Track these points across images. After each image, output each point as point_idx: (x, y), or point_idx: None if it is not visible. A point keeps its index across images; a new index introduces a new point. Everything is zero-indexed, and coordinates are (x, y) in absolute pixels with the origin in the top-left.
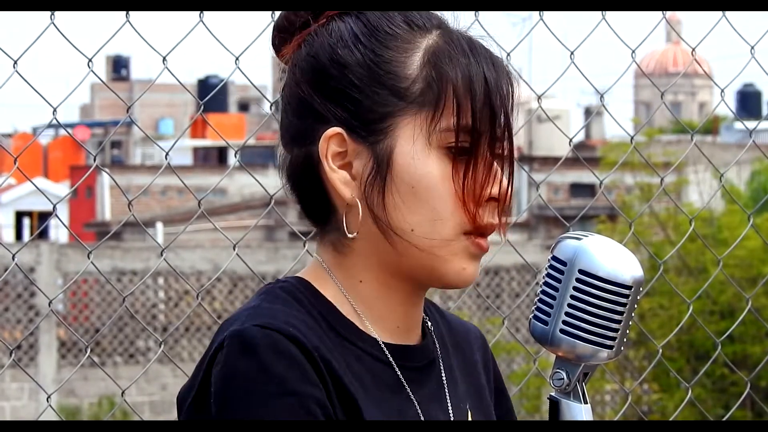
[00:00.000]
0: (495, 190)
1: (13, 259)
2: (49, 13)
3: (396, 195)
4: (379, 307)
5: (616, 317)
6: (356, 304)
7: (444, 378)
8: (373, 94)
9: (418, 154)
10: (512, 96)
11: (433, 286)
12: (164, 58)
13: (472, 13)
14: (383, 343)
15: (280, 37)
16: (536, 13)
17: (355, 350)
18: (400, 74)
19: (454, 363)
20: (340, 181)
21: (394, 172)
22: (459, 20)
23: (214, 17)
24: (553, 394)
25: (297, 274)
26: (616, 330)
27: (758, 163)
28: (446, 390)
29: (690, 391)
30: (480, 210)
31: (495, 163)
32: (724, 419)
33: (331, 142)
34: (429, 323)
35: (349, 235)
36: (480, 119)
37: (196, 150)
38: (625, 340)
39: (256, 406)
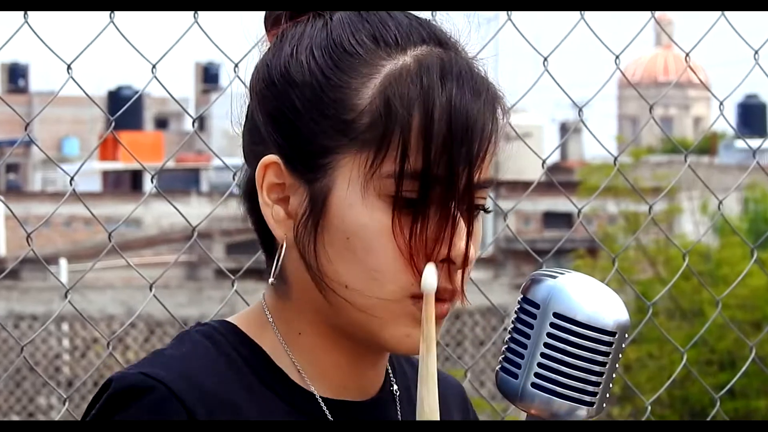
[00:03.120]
0: (446, 251)
1: None
2: None
3: (329, 245)
4: (322, 362)
5: (598, 368)
6: (296, 358)
7: None
8: (314, 124)
9: (355, 201)
10: (491, 138)
11: (375, 348)
12: (69, 66)
13: (429, 13)
14: (321, 397)
15: (265, 27)
16: (503, 13)
17: (283, 406)
18: (347, 104)
19: None
20: (274, 217)
21: (329, 218)
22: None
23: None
24: None
25: (229, 318)
26: (597, 384)
27: (752, 189)
28: None
29: None
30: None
31: (455, 217)
32: None
33: (268, 170)
34: (393, 379)
35: (271, 281)
36: (436, 164)
37: (105, 174)
38: (608, 395)
39: None
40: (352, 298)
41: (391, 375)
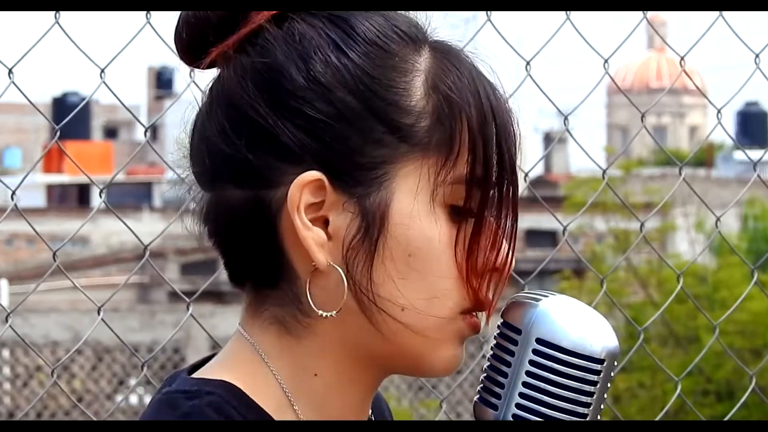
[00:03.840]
0: (498, 259)
1: None
2: None
3: (389, 264)
4: (331, 406)
5: (584, 399)
6: (303, 410)
7: None
8: (367, 131)
9: (421, 212)
10: (518, 135)
11: (410, 374)
12: (10, 71)
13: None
14: None
15: (191, 38)
16: (482, 13)
17: None
18: (403, 105)
19: None
20: (316, 241)
21: (389, 234)
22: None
23: (73, 19)
24: None
25: (226, 377)
26: (584, 416)
27: (751, 204)
28: None
29: None
30: (485, 283)
31: (496, 224)
32: None
33: (305, 190)
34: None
35: (323, 313)
36: (492, 163)
37: (50, 188)
38: None
39: None
40: (409, 321)
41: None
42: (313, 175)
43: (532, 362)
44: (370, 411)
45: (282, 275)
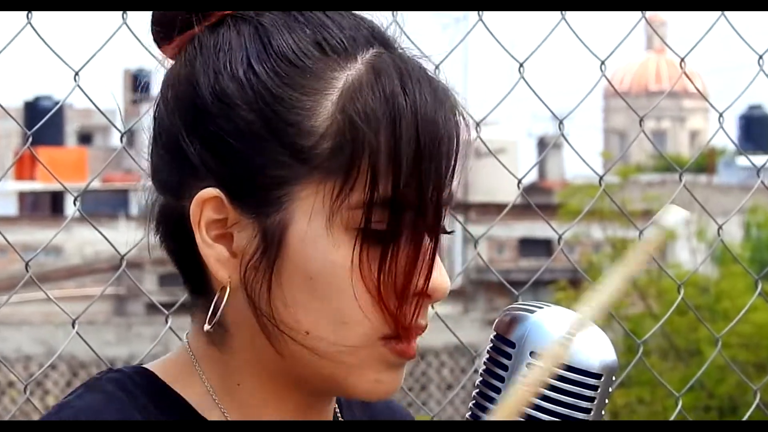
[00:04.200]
0: (421, 284)
1: None
2: None
3: (287, 287)
4: (262, 417)
5: (581, 415)
6: (230, 411)
7: None
8: (266, 152)
9: (318, 236)
10: (459, 150)
11: (342, 396)
12: None
13: (389, 13)
14: None
15: (159, 33)
16: (473, 13)
17: None
18: (303, 127)
19: None
20: (215, 258)
21: (287, 257)
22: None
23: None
24: None
25: (146, 365)
26: None
27: (755, 212)
28: None
29: None
30: (405, 307)
31: (425, 243)
32: None
33: (206, 206)
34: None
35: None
36: (406, 190)
37: (22, 195)
38: None
39: None
40: (315, 346)
41: (339, 415)
42: (211, 192)
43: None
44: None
45: (203, 286)
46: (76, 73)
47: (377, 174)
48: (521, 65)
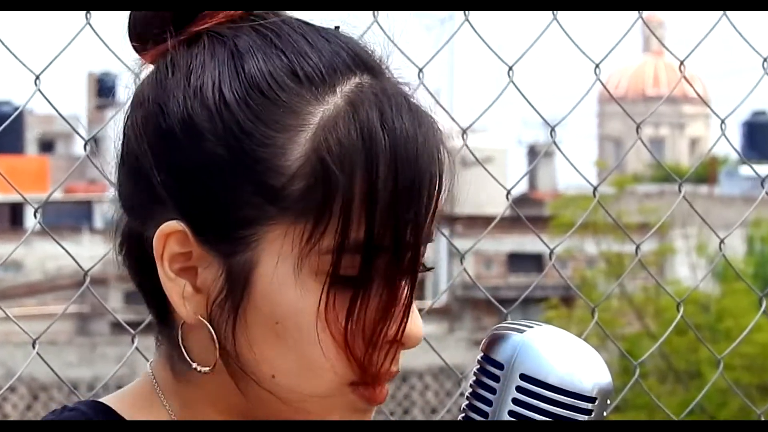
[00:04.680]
0: (393, 332)
1: None
2: None
3: (254, 330)
4: None
5: None
6: None
7: None
8: (232, 189)
9: (286, 281)
10: (440, 190)
11: None
12: None
13: (370, 13)
14: None
15: (134, 42)
16: (460, 14)
17: None
18: (274, 166)
19: None
20: (179, 294)
21: (253, 299)
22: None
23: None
24: None
25: (102, 399)
26: None
27: (758, 225)
28: None
29: None
30: (375, 355)
31: (401, 290)
32: None
33: (169, 240)
34: None
35: (197, 367)
36: (382, 233)
37: None
38: None
39: None
40: (279, 391)
41: None
42: (174, 226)
43: (515, 400)
44: None
45: (167, 315)
46: (37, 77)
47: (350, 219)
48: (510, 68)
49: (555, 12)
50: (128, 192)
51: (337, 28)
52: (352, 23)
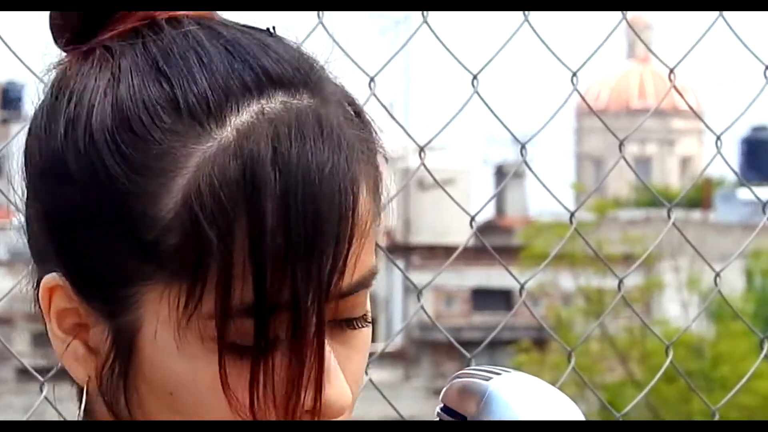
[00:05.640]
0: (311, 400)
1: None
2: None
3: (146, 399)
4: None
5: None
6: None
7: None
8: (109, 240)
9: (170, 349)
10: (354, 231)
11: None
12: None
13: (315, 13)
14: None
15: (60, 40)
16: (417, 14)
17: None
18: (145, 217)
19: None
20: (71, 355)
21: (141, 367)
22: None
23: None
24: None
25: None
26: None
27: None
28: None
29: None
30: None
31: (311, 352)
32: None
33: (54, 294)
34: None
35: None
36: (274, 290)
37: None
38: None
39: None
40: None
41: None
42: (55, 280)
43: None
44: None
45: None
46: None
47: (230, 278)
48: (475, 77)
49: (526, 12)
50: (31, 236)
51: (270, 31)
52: (290, 26)
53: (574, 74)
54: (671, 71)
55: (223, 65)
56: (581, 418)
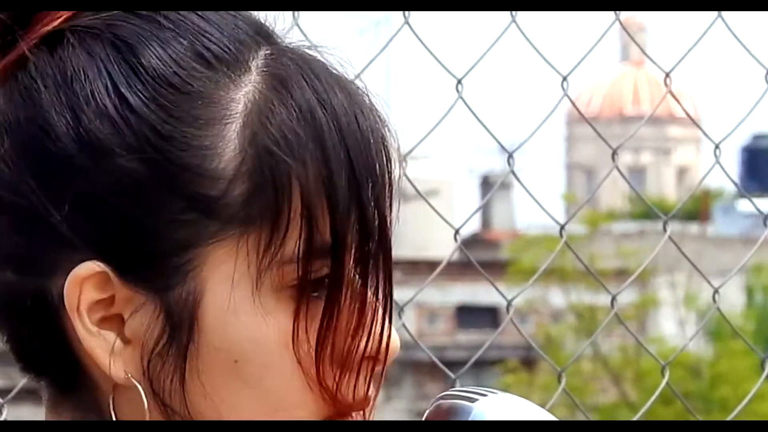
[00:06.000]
0: (369, 344)
1: None
2: None
3: (207, 376)
4: None
5: None
6: None
7: None
8: (160, 208)
9: (244, 307)
10: (390, 162)
11: None
12: None
13: (290, 14)
14: None
15: None
16: (398, 14)
17: None
18: (207, 170)
19: None
20: (104, 349)
21: (203, 339)
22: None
23: None
24: None
25: None
26: None
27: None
28: None
29: None
30: (349, 379)
31: (368, 295)
32: None
33: (85, 286)
34: None
35: None
36: (345, 229)
37: None
38: None
39: None
40: None
41: None
42: (91, 268)
43: None
44: None
45: (79, 380)
46: None
47: (313, 213)
48: (459, 82)
49: (513, 13)
50: (16, 246)
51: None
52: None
53: (565, 79)
54: (667, 75)
55: (222, 20)
56: None
